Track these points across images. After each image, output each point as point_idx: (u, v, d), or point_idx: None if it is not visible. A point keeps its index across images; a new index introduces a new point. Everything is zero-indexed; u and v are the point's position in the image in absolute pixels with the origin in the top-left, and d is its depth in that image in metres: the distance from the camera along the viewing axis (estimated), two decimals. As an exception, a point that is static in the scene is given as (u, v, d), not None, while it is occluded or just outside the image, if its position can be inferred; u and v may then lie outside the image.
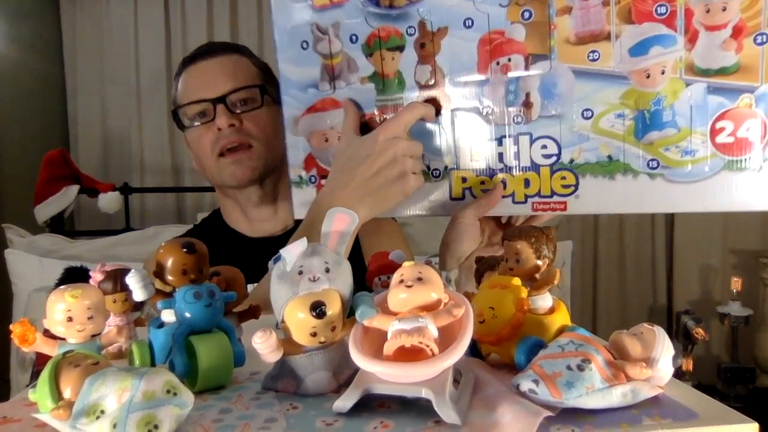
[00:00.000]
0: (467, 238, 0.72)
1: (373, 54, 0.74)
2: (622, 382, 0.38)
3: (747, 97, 0.62)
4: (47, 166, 1.93)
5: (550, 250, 0.47)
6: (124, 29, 2.54)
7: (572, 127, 0.67)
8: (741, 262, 2.51)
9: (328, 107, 0.77)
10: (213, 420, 0.38)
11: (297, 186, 0.82)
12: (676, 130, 0.64)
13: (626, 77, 0.65)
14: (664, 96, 0.64)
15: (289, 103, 0.79)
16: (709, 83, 0.63)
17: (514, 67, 0.68)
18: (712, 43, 0.62)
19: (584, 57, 0.66)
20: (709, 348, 2.53)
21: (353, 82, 0.75)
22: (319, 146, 0.79)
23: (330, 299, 0.40)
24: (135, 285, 0.44)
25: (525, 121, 0.69)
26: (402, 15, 0.72)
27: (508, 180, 0.71)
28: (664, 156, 0.65)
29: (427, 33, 0.71)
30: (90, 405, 0.33)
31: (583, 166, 0.68)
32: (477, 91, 0.71)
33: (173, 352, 0.44)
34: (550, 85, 0.67)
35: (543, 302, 0.46)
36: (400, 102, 0.74)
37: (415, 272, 0.40)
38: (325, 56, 0.76)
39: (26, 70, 2.34)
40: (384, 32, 0.73)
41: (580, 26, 0.66)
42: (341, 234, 0.43)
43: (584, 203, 0.68)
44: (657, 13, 0.63)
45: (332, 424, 0.37)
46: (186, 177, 2.58)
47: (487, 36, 0.69)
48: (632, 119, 0.65)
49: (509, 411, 0.36)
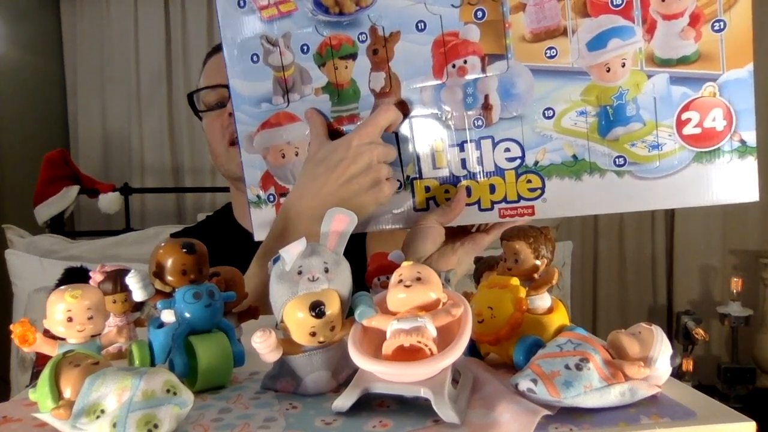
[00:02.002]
0: (427, 239, 0.70)
1: (325, 63, 0.71)
2: (620, 382, 0.38)
3: (710, 86, 0.60)
4: (47, 166, 1.94)
5: (548, 249, 0.47)
6: (124, 29, 2.54)
7: (534, 128, 0.65)
8: (741, 262, 2.51)
9: (283, 122, 0.74)
10: (212, 419, 0.38)
11: (255, 206, 0.78)
12: (641, 124, 0.62)
13: (586, 73, 0.63)
14: (627, 89, 0.62)
15: (242, 119, 0.76)
16: (671, 73, 0.61)
17: (470, 69, 0.66)
18: (671, 32, 0.60)
19: (541, 54, 0.64)
20: (710, 348, 2.54)
21: (307, 94, 0.72)
22: (276, 163, 0.76)
23: (329, 299, 0.40)
24: (135, 285, 0.44)
25: (486, 125, 0.67)
26: (353, 21, 0.69)
27: (472, 187, 0.68)
28: (630, 152, 0.63)
29: (379, 38, 0.68)
30: (90, 404, 0.34)
31: (548, 167, 0.65)
32: (434, 95, 0.68)
33: (173, 352, 0.44)
34: (509, 85, 0.65)
35: (541, 302, 0.46)
36: (355, 112, 0.71)
37: (414, 272, 0.40)
38: (277, 69, 0.73)
39: (26, 70, 2.35)
40: (335, 40, 0.70)
41: (536, 23, 0.64)
42: (340, 234, 0.43)
43: (552, 206, 0.66)
44: (613, 5, 0.61)
45: (331, 423, 0.37)
46: (186, 177, 2.58)
47: (441, 38, 0.67)
48: (595, 116, 0.63)
49: (508, 410, 0.37)
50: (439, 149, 0.69)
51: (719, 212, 2.50)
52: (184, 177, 2.58)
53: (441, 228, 0.70)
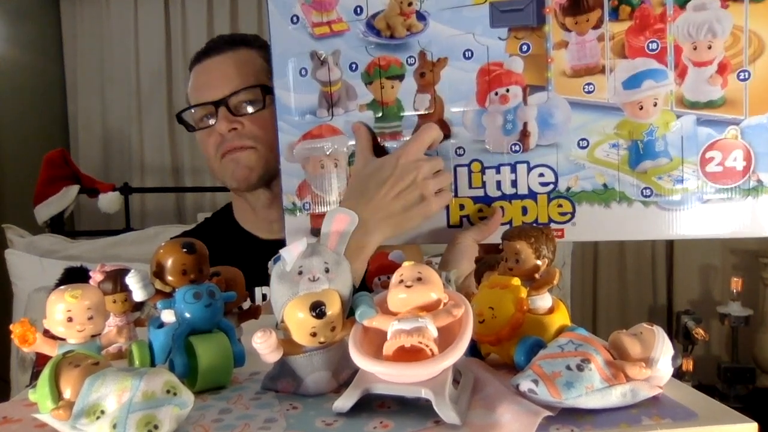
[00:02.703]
0: (465, 258, 0.72)
1: (372, 82, 0.75)
2: (622, 382, 0.38)
3: (733, 129, 0.65)
4: (47, 166, 1.94)
5: (549, 250, 0.47)
6: (124, 29, 2.54)
7: (569, 156, 0.70)
8: (741, 262, 2.51)
9: (326, 134, 0.78)
10: (213, 420, 0.38)
11: (290, 213, 0.82)
12: (668, 159, 0.67)
13: (620, 109, 0.68)
14: (657, 127, 0.67)
15: (284, 128, 0.79)
16: (698, 115, 0.66)
17: (512, 98, 0.70)
18: (700, 78, 0.66)
19: (580, 89, 0.69)
20: (710, 348, 2.54)
21: (352, 110, 0.76)
22: (315, 173, 0.79)
23: (330, 299, 0.40)
24: (135, 285, 0.44)
25: (522, 150, 0.71)
26: (402, 45, 0.73)
27: (505, 207, 0.72)
28: (656, 184, 0.68)
29: (427, 63, 0.73)
30: (90, 405, 0.34)
31: (579, 194, 0.70)
32: (476, 120, 0.72)
33: (173, 353, 0.44)
34: (547, 115, 0.70)
35: (542, 302, 0.46)
36: (398, 129, 0.75)
37: (415, 272, 0.40)
38: (324, 83, 0.77)
39: (26, 70, 2.35)
40: (384, 61, 0.74)
41: (576, 60, 0.68)
42: (341, 234, 0.43)
43: (581, 230, 0.70)
44: (649, 49, 0.66)
45: (332, 424, 0.37)
46: (186, 177, 2.58)
47: (486, 67, 0.71)
48: (626, 149, 0.68)
49: (509, 411, 0.37)
50: (476, 170, 0.73)
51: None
52: (184, 177, 2.58)
53: (476, 246, 0.73)
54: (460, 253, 0.72)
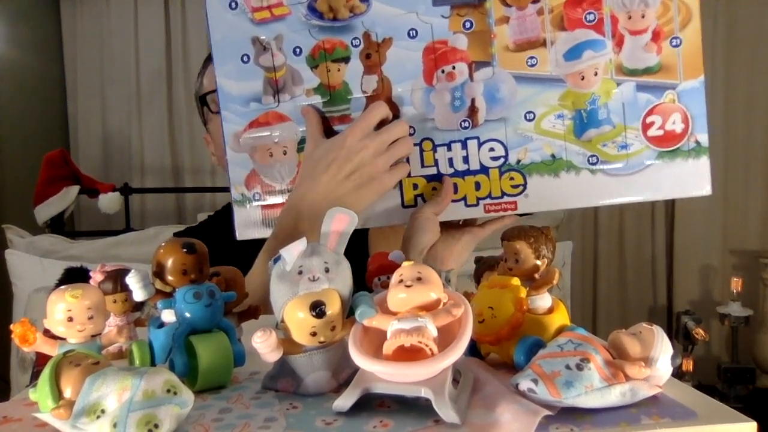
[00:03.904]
0: (427, 231, 0.73)
1: (318, 66, 0.74)
2: (621, 382, 0.38)
3: (671, 93, 0.69)
4: (47, 166, 1.94)
5: (549, 249, 0.47)
6: (124, 29, 2.54)
7: (517, 130, 0.71)
8: (741, 262, 2.51)
9: (272, 121, 0.76)
10: (213, 419, 0.38)
11: (239, 204, 0.79)
12: (611, 126, 0.70)
13: (563, 80, 0.70)
14: (599, 96, 0.70)
15: (229, 118, 0.76)
16: (637, 82, 0.69)
17: (458, 75, 0.71)
18: (636, 46, 0.69)
19: (523, 63, 0.71)
20: (710, 348, 2.54)
21: (298, 95, 0.75)
22: (263, 162, 0.77)
23: (330, 299, 0.40)
24: (135, 285, 0.44)
25: (472, 126, 0.72)
26: (346, 27, 0.72)
27: (459, 184, 0.73)
28: (602, 151, 0.70)
29: (373, 44, 0.72)
30: (90, 404, 0.34)
31: (529, 166, 0.71)
32: (424, 98, 0.72)
33: (173, 352, 0.44)
34: (494, 90, 0.71)
35: (542, 302, 0.46)
36: (347, 112, 0.74)
37: (415, 272, 0.40)
38: (268, 69, 0.75)
39: (26, 70, 2.35)
40: (329, 44, 0.73)
41: (518, 34, 0.70)
42: (340, 234, 0.43)
43: (533, 201, 0.72)
44: (586, 20, 0.69)
45: (332, 423, 0.37)
46: (186, 177, 2.58)
47: (432, 45, 0.71)
48: (571, 119, 0.70)
49: (508, 410, 0.37)
50: (427, 149, 0.73)
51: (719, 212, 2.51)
52: (184, 177, 2.58)
53: (436, 219, 0.73)
54: (420, 227, 0.72)
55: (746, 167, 2.52)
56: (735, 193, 2.51)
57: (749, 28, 2.50)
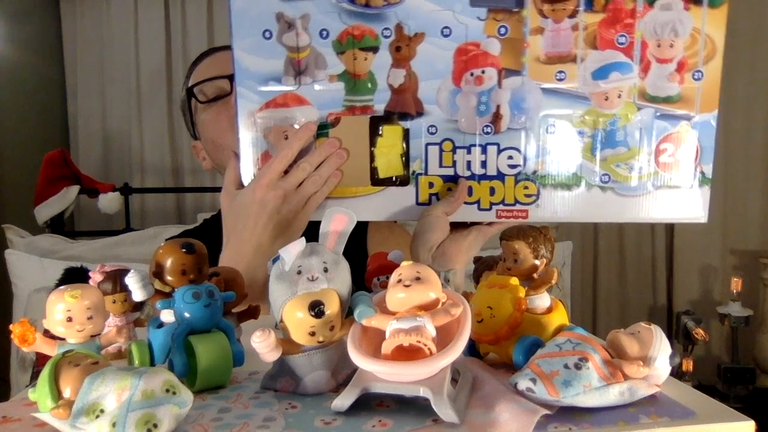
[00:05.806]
0: (437, 229, 0.73)
1: (344, 52, 0.72)
2: (620, 381, 0.38)
3: (685, 124, 0.71)
4: (47, 166, 1.94)
5: (547, 249, 0.47)
6: (124, 29, 2.53)
7: (537, 141, 0.72)
8: (741, 262, 2.51)
9: (291, 103, 0.73)
10: (212, 419, 0.38)
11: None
12: (626, 149, 0.72)
13: (587, 98, 0.71)
14: (619, 117, 0.71)
15: (244, 95, 0.73)
16: (656, 109, 0.71)
17: (487, 80, 0.71)
18: (661, 74, 0.71)
19: (552, 76, 0.71)
20: (710, 348, 2.53)
21: (321, 79, 0.73)
22: (278, 143, 0.74)
23: (328, 299, 0.40)
24: (134, 285, 0.44)
25: (494, 132, 0.72)
26: (378, 15, 0.71)
27: (474, 187, 0.74)
28: (614, 171, 0.72)
29: (404, 37, 0.71)
30: (89, 404, 0.34)
31: (544, 177, 0.73)
32: (450, 99, 0.72)
33: (172, 352, 0.44)
34: (520, 99, 0.72)
35: (541, 302, 0.46)
36: (369, 103, 0.73)
37: (413, 272, 0.40)
38: (291, 49, 0.72)
39: (26, 70, 2.35)
40: (358, 31, 0.71)
41: (551, 47, 0.71)
42: (339, 234, 0.44)
43: (543, 212, 0.74)
44: (618, 42, 0.70)
45: (331, 423, 0.37)
46: (186, 177, 2.58)
47: (464, 46, 0.71)
48: (590, 137, 0.72)
49: (507, 409, 0.37)
50: (447, 149, 0.73)
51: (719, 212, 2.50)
52: (184, 177, 2.58)
53: (447, 218, 0.74)
54: (430, 225, 0.73)
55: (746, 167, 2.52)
56: (735, 193, 2.51)
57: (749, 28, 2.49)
